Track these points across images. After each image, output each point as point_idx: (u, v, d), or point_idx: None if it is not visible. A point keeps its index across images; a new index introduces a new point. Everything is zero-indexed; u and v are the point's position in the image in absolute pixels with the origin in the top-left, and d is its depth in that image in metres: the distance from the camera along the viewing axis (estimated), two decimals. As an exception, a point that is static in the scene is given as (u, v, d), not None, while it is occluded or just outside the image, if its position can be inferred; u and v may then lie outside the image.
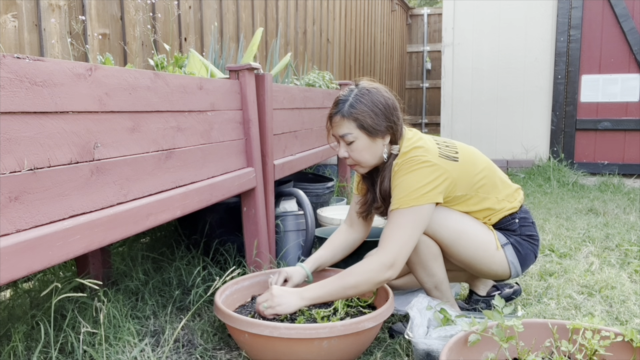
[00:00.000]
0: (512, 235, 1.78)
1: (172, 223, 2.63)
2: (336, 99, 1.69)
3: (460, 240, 1.70)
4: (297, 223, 2.37)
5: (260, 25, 4.12)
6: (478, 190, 1.73)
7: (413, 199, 1.57)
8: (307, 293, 1.59)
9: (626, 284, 2.15)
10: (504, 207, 1.78)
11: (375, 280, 1.56)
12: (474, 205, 1.74)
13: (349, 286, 1.57)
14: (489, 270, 1.76)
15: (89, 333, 1.56)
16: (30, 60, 1.08)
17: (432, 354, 1.41)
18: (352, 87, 1.68)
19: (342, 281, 1.58)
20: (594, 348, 1.26)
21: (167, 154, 1.54)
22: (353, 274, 1.58)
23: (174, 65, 2.11)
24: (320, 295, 1.59)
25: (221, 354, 1.63)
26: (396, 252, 1.55)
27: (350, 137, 1.63)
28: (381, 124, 1.63)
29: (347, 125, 1.63)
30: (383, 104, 1.64)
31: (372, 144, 1.65)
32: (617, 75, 5.04)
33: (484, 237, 1.74)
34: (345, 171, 3.94)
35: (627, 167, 5.07)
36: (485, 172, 1.75)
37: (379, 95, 1.64)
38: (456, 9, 5.60)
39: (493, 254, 1.74)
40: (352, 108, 1.62)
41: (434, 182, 1.60)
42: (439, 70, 8.91)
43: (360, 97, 1.63)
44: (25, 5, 2.13)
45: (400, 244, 1.56)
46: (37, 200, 1.08)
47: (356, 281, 1.56)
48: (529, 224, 1.83)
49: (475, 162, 1.75)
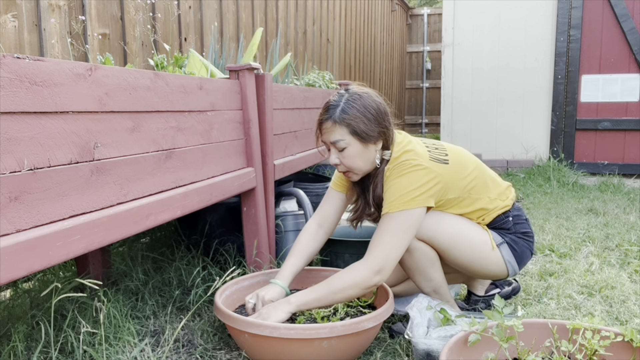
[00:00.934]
0: (507, 233, 1.77)
1: (172, 223, 2.63)
2: (326, 104, 1.64)
3: (456, 244, 1.68)
4: (297, 223, 2.37)
5: (260, 25, 4.12)
6: (470, 191, 1.71)
7: (403, 202, 1.55)
8: (295, 299, 1.56)
9: (626, 284, 2.15)
10: (497, 206, 1.76)
11: (362, 286, 1.53)
12: (467, 207, 1.72)
13: (337, 291, 1.54)
14: (487, 271, 1.75)
15: (89, 333, 1.56)
16: (30, 60, 1.08)
17: (432, 354, 1.42)
18: (342, 92, 1.64)
19: (330, 287, 1.55)
20: (594, 348, 1.26)
21: (167, 154, 1.54)
22: (341, 280, 1.55)
23: (174, 65, 2.11)
24: (307, 301, 1.56)
25: (221, 354, 1.63)
26: (384, 258, 1.53)
27: (343, 143, 1.59)
28: (374, 130, 1.59)
29: (339, 132, 1.59)
30: (375, 108, 1.60)
31: (364, 150, 1.61)
32: (617, 75, 5.04)
33: (479, 239, 1.72)
34: (345, 171, 3.93)
35: (627, 167, 5.07)
36: (475, 173, 1.74)
37: (370, 100, 1.61)
38: (456, 9, 5.60)
39: (489, 255, 1.72)
40: (344, 113, 1.58)
41: (425, 185, 1.58)
42: (439, 70, 8.91)
43: (352, 102, 1.59)
44: (25, 5, 2.13)
45: (388, 249, 1.54)
46: (37, 200, 1.08)
47: (343, 286, 1.54)
48: (523, 221, 1.81)
49: (465, 164, 1.73)
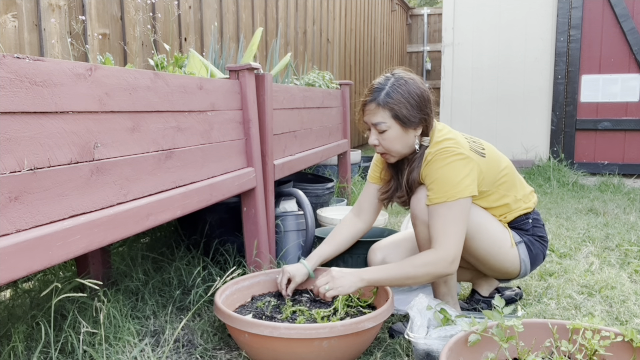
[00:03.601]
0: (525, 234, 1.81)
1: (172, 223, 2.63)
2: (371, 85, 1.67)
3: (479, 234, 1.71)
4: (297, 223, 2.37)
5: (260, 25, 4.12)
6: (499, 187, 1.75)
7: (458, 191, 1.58)
8: (367, 275, 1.61)
9: (626, 284, 2.15)
10: (520, 207, 1.81)
11: (437, 274, 1.58)
12: (494, 201, 1.76)
13: (410, 276, 1.59)
14: (501, 267, 1.78)
15: (89, 333, 1.56)
16: (30, 60, 1.08)
17: (432, 354, 1.41)
18: (388, 76, 1.66)
19: (403, 270, 1.60)
20: (594, 348, 1.26)
21: (167, 154, 1.54)
22: (415, 267, 1.58)
23: (174, 65, 2.11)
24: (379, 278, 1.61)
25: (221, 354, 1.63)
26: (456, 247, 1.57)
27: (384, 126, 1.63)
28: (415, 116, 1.62)
29: (382, 114, 1.62)
30: (419, 95, 1.62)
31: (404, 135, 1.64)
32: (617, 75, 5.03)
33: (500, 234, 1.76)
34: (345, 172, 3.93)
35: (627, 167, 5.07)
36: (507, 170, 1.78)
37: (415, 87, 1.63)
38: (456, 9, 5.60)
39: (507, 251, 1.76)
40: (389, 97, 1.61)
41: (471, 174, 1.61)
42: (439, 70, 8.91)
43: (398, 87, 1.61)
44: (25, 5, 2.13)
45: (457, 238, 1.58)
46: (37, 200, 1.08)
47: (417, 273, 1.58)
48: (540, 225, 1.86)
49: (499, 160, 1.78)
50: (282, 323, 1.49)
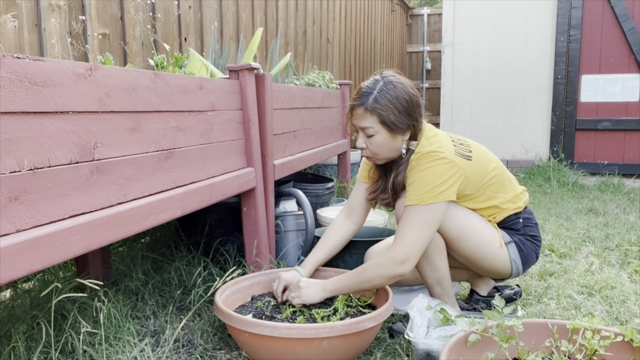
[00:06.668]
0: (516, 234, 1.80)
1: (172, 223, 2.63)
2: (359, 89, 1.66)
3: (466, 235, 1.71)
4: (297, 223, 2.37)
5: (260, 25, 4.12)
6: (487, 189, 1.75)
7: (431, 196, 1.58)
8: (329, 286, 1.69)
9: (626, 284, 2.15)
10: (509, 207, 1.80)
11: (387, 275, 1.60)
12: (481, 202, 1.76)
13: (364, 280, 1.64)
14: (491, 268, 1.78)
15: (89, 333, 1.56)
16: (30, 60, 1.08)
17: (432, 354, 1.41)
18: (377, 79, 1.65)
19: (359, 276, 1.65)
20: (594, 348, 1.26)
21: (167, 154, 1.54)
22: (368, 269, 1.63)
23: (174, 65, 2.11)
24: (339, 287, 1.68)
25: (221, 354, 1.63)
26: (409, 249, 1.57)
27: (371, 130, 1.62)
28: (403, 121, 1.62)
29: (369, 119, 1.62)
30: (407, 100, 1.62)
31: (392, 140, 1.64)
32: (617, 75, 5.03)
33: (488, 234, 1.76)
34: (345, 172, 3.94)
35: (627, 167, 5.07)
36: (495, 172, 1.78)
37: (403, 92, 1.62)
38: (456, 9, 5.60)
39: (496, 252, 1.75)
40: (376, 103, 1.60)
41: (450, 179, 1.61)
42: (439, 70, 8.91)
43: (386, 92, 1.60)
44: (25, 5, 2.13)
45: (414, 241, 1.57)
46: (37, 200, 1.08)
47: (369, 276, 1.62)
48: (533, 224, 1.85)
49: (487, 162, 1.77)
50: (282, 323, 1.49)
